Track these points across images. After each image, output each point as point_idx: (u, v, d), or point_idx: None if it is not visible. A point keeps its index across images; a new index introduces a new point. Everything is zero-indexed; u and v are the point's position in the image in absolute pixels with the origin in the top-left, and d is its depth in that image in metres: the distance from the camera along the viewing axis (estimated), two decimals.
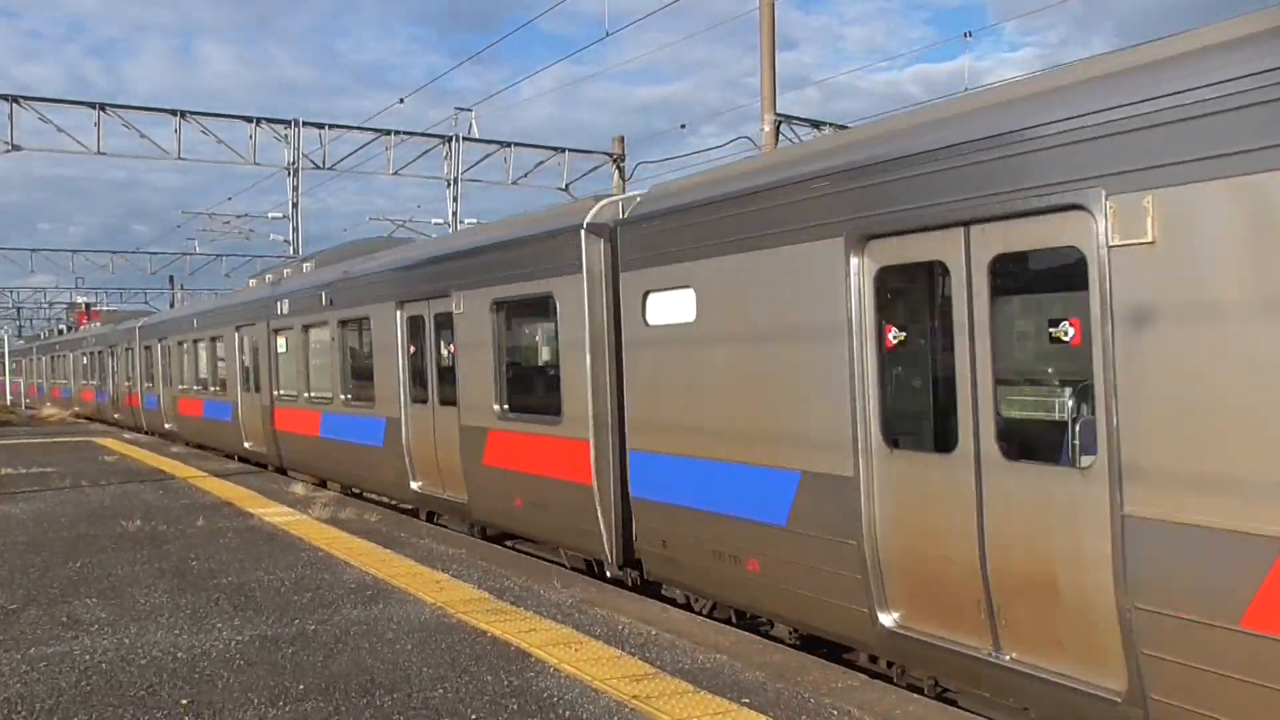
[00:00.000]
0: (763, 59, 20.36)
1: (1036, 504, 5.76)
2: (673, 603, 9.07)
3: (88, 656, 7.21)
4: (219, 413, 22.77)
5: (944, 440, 6.49)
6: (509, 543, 12.19)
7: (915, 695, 6.37)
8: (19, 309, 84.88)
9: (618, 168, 32.40)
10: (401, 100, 32.69)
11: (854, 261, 6.78)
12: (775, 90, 20.27)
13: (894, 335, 6.84)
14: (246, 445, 21.37)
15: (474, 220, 31.52)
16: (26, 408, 53.55)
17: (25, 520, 13.44)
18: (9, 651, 7.37)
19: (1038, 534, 5.75)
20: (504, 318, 11.60)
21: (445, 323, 12.73)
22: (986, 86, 8.08)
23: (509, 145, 32.99)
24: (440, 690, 6.38)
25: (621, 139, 33.31)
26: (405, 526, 12.84)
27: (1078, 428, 5.85)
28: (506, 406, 11.43)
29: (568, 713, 5.94)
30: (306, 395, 17.64)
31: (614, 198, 10.21)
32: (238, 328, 21.34)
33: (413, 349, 13.75)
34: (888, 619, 6.71)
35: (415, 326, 13.64)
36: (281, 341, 19.04)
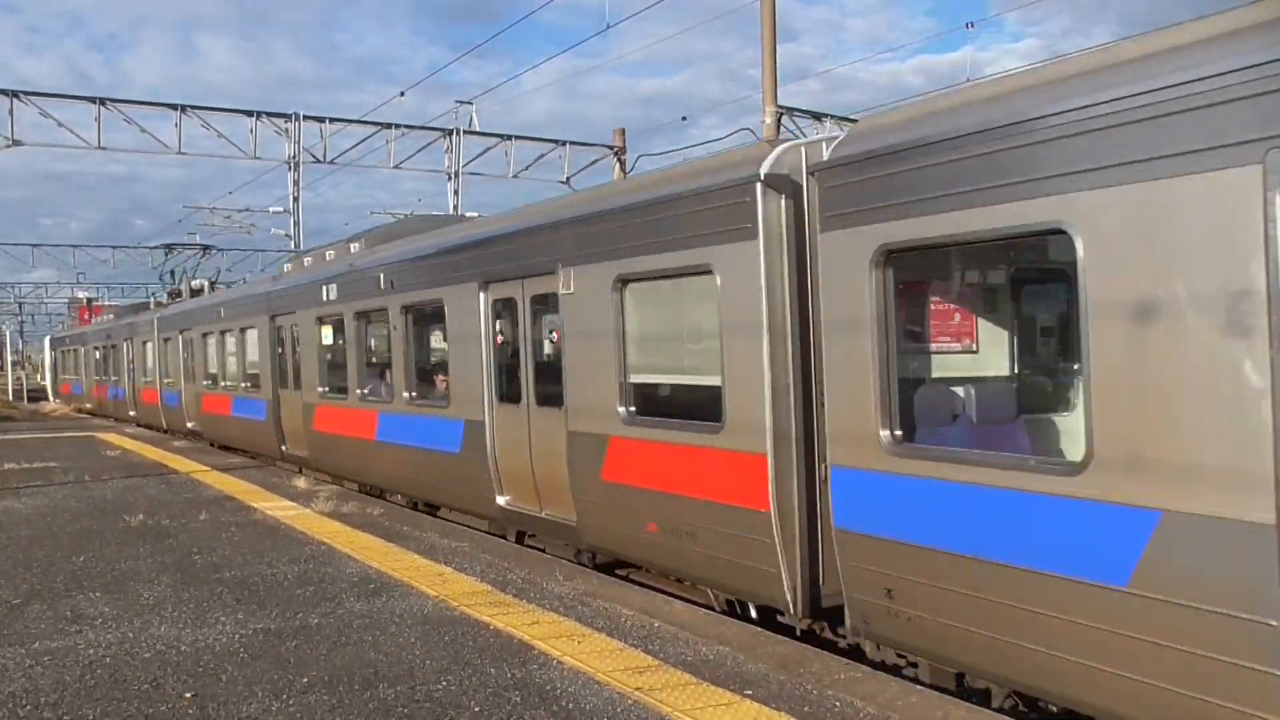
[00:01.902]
0: (764, 51, 20.34)
1: None
2: (869, 662, 7.18)
3: (92, 651, 7.23)
4: None
5: None
6: (621, 572, 10.23)
7: (917, 687, 6.38)
8: (20, 304, 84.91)
9: (619, 160, 32.39)
10: (402, 94, 32.61)
11: None
12: (776, 82, 20.24)
13: None
14: None
15: (475, 214, 31.50)
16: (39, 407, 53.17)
17: (29, 515, 13.46)
18: (13, 646, 7.39)
19: None
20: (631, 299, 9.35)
21: (548, 306, 10.69)
22: None
23: (510, 138, 32.99)
24: (443, 683, 6.39)
25: (622, 131, 33.32)
26: (407, 520, 12.85)
27: None
28: (634, 409, 9.22)
29: (571, 705, 5.95)
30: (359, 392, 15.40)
31: (795, 142, 7.84)
32: (272, 317, 19.07)
33: (500, 338, 11.65)
34: None
35: (505, 311, 11.52)
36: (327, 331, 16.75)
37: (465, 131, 32.53)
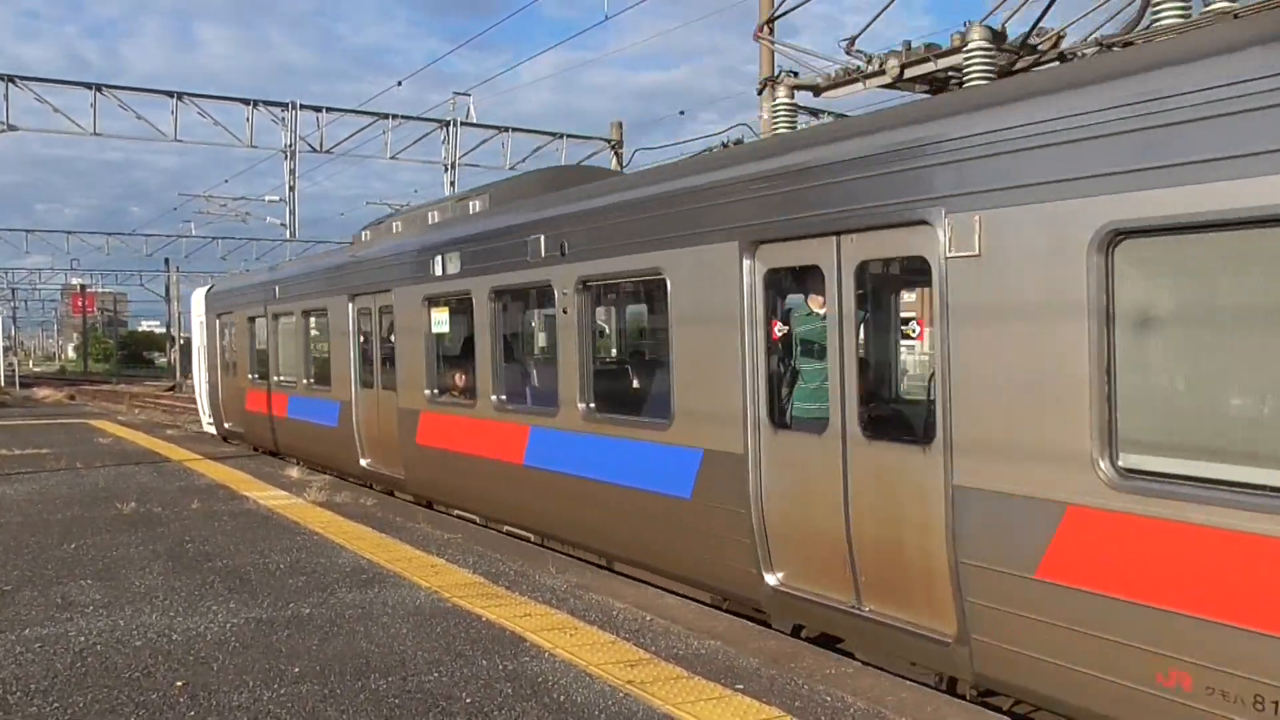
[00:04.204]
0: (763, 46, 20.30)
1: None
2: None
3: (83, 638, 7.22)
4: None
5: None
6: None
7: (908, 682, 6.40)
8: (14, 290, 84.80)
9: (616, 153, 32.35)
10: (399, 84, 32.63)
11: None
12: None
13: None
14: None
15: None
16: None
17: (20, 501, 13.43)
18: (4, 633, 7.37)
19: None
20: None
21: (895, 277, 7.33)
22: None
23: (507, 130, 32.97)
24: (435, 674, 6.40)
25: (620, 124, 33.31)
26: (401, 511, 12.85)
27: None
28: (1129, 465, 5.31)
29: (562, 697, 5.96)
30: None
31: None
32: (352, 296, 15.15)
33: (777, 324, 7.59)
34: None
35: (785, 285, 7.76)
36: None
37: (462, 123, 32.52)
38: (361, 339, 15.15)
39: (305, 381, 17.27)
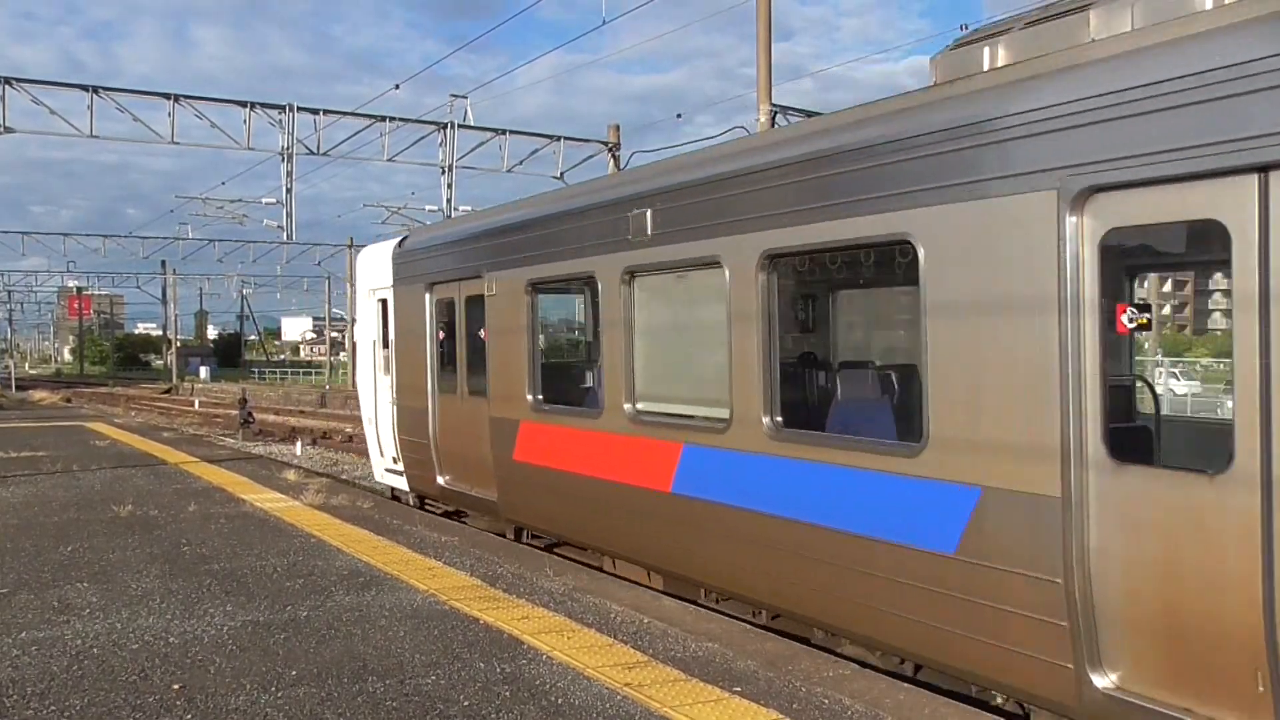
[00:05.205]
0: (759, 49, 20.35)
1: None
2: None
3: (79, 641, 7.21)
4: None
5: None
6: None
7: (905, 684, 6.40)
8: (10, 292, 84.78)
9: (613, 156, 32.37)
10: (397, 86, 32.58)
11: None
12: (771, 81, 20.26)
13: None
14: None
15: (468, 208, 31.53)
16: None
17: (16, 504, 13.41)
18: (0, 636, 7.36)
19: None
20: None
21: None
22: None
23: (504, 133, 32.97)
24: (432, 677, 6.39)
25: (617, 127, 33.34)
26: (398, 514, 12.84)
27: None
28: None
29: (560, 700, 5.96)
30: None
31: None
32: None
33: None
34: None
35: None
36: None
37: (459, 125, 32.52)
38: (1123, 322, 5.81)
39: (771, 421, 7.58)
